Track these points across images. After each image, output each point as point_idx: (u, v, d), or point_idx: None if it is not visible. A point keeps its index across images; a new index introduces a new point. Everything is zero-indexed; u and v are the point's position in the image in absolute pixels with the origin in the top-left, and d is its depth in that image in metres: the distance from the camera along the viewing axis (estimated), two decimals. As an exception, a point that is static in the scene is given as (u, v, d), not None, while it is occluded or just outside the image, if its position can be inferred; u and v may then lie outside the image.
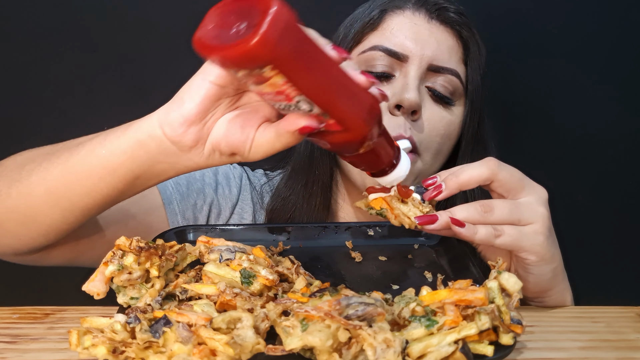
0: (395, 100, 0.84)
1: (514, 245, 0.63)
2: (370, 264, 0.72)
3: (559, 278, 0.69)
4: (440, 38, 0.88)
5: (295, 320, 0.48)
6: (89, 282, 0.58)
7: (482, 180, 0.64)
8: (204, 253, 0.65)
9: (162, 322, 0.49)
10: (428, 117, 0.86)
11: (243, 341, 0.47)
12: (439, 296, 0.51)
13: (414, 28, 0.87)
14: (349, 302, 0.48)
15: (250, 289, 0.58)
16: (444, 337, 0.48)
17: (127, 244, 0.57)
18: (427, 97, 0.87)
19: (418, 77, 0.85)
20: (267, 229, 0.78)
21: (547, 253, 0.65)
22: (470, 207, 0.63)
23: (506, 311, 0.50)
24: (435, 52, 0.86)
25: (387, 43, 0.87)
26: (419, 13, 0.89)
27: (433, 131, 0.87)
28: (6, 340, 0.58)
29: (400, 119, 0.84)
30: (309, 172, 0.93)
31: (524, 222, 0.63)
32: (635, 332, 0.59)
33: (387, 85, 0.87)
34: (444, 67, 0.87)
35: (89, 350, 0.48)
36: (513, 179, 0.65)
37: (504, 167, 0.64)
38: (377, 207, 0.66)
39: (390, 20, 0.89)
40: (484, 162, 0.65)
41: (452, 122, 0.89)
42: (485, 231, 0.62)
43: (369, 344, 0.46)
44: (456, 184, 0.64)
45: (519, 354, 0.54)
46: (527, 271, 0.66)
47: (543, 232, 0.64)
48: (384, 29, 0.89)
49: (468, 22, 0.91)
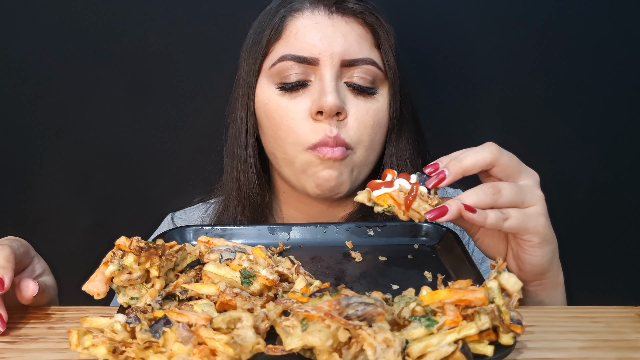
0: (316, 107, 0.83)
1: (520, 228, 0.63)
2: (370, 264, 0.72)
3: (556, 259, 0.70)
4: (345, 31, 0.86)
5: (295, 320, 0.48)
6: (89, 282, 0.58)
7: (485, 165, 0.64)
8: (204, 253, 0.65)
9: (162, 322, 0.49)
10: (354, 113, 0.86)
11: (243, 341, 0.47)
12: (439, 296, 0.51)
13: (317, 27, 0.86)
14: (349, 302, 0.48)
15: (250, 289, 0.58)
16: (444, 337, 0.48)
17: (127, 244, 0.57)
18: (348, 94, 0.87)
19: (334, 78, 0.85)
20: (267, 229, 0.78)
21: (549, 233, 0.66)
22: (479, 190, 0.62)
23: (506, 311, 0.50)
24: (344, 46, 0.85)
25: (294, 50, 0.86)
26: (318, 11, 0.87)
27: (362, 125, 0.86)
28: (6, 340, 0.57)
29: (324, 124, 0.84)
30: (237, 198, 0.94)
31: (527, 204, 0.64)
32: (635, 332, 0.59)
33: (304, 92, 0.86)
34: (357, 59, 0.86)
35: (89, 350, 0.48)
36: (512, 163, 0.65)
37: (505, 152, 0.65)
38: (384, 204, 0.64)
39: (291, 25, 0.87)
40: (486, 146, 0.64)
41: (379, 110, 0.89)
42: (495, 215, 0.62)
43: (369, 344, 0.46)
44: (460, 169, 0.63)
45: (519, 354, 0.54)
46: (529, 253, 0.66)
47: (544, 214, 0.65)
48: (287, 36, 0.87)
49: (369, 7, 0.90)
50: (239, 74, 0.95)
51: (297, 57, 0.85)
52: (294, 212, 0.98)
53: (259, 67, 0.90)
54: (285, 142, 0.87)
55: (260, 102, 0.90)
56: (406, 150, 0.93)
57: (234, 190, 0.95)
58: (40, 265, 0.68)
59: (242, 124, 0.93)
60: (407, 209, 0.62)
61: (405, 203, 0.62)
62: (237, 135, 0.94)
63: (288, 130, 0.86)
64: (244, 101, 0.92)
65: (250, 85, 0.91)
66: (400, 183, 0.64)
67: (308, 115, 0.85)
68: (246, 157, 0.93)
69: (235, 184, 0.95)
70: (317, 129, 0.84)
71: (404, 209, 0.62)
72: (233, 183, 0.95)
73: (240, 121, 0.93)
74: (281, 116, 0.87)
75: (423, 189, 0.63)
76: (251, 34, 0.93)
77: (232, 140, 0.96)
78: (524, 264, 0.68)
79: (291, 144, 0.86)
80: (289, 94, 0.87)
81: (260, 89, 0.90)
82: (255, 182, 0.94)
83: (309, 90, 0.86)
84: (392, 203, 0.63)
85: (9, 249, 0.62)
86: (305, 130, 0.85)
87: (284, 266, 0.63)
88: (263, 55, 0.89)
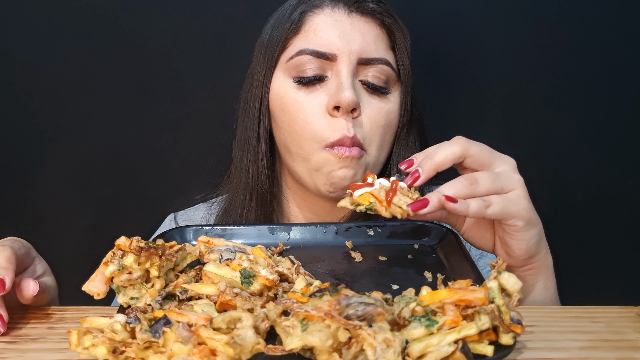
0: (333, 102, 0.84)
1: (503, 213, 0.65)
2: (370, 264, 0.72)
3: (543, 241, 0.71)
4: (363, 30, 0.88)
5: (295, 320, 0.48)
6: (89, 282, 0.58)
7: (456, 158, 0.66)
8: (204, 253, 0.65)
9: (162, 322, 0.49)
10: (368, 112, 0.87)
11: (243, 341, 0.47)
12: (439, 296, 0.51)
13: (336, 25, 0.87)
14: (349, 302, 0.48)
15: (250, 289, 0.58)
16: (444, 337, 0.48)
17: (127, 244, 0.57)
18: (362, 91, 0.88)
19: (350, 74, 0.86)
20: (267, 229, 0.78)
21: (533, 216, 0.67)
22: (456, 182, 0.64)
23: (506, 311, 0.50)
24: (362, 44, 0.86)
25: (313, 45, 0.87)
26: (338, 9, 0.89)
27: (374, 124, 0.87)
28: (6, 340, 0.57)
29: (341, 120, 0.84)
30: (245, 190, 0.95)
31: (507, 189, 0.66)
32: (635, 332, 0.59)
33: (321, 87, 0.87)
34: (374, 58, 0.87)
35: (89, 350, 0.48)
36: (484, 153, 0.67)
37: (473, 143, 0.67)
38: (365, 203, 0.66)
39: (311, 20, 0.89)
40: (454, 140, 0.67)
41: (391, 111, 0.90)
42: (477, 204, 0.63)
43: (369, 344, 0.46)
44: (433, 165, 0.65)
45: (519, 354, 0.54)
46: (516, 238, 0.68)
47: (525, 196, 0.67)
48: (306, 31, 0.88)
49: (388, 8, 0.91)
50: (252, 67, 0.96)
51: (315, 52, 0.86)
52: (297, 209, 0.98)
53: (275, 60, 0.90)
54: (301, 137, 0.87)
55: (275, 95, 0.90)
56: (413, 151, 0.94)
57: (242, 181, 0.95)
58: (41, 266, 0.68)
59: (254, 116, 0.93)
60: (389, 205, 0.64)
61: (386, 199, 0.64)
62: (249, 127, 0.94)
63: (305, 124, 0.86)
64: (257, 93, 0.92)
65: (265, 78, 0.91)
66: (381, 182, 0.66)
67: (324, 110, 0.86)
68: (257, 148, 0.94)
69: (244, 175, 0.95)
70: (334, 126, 0.85)
71: (386, 205, 0.64)
72: (242, 174, 0.95)
73: (253, 113, 0.93)
74: (297, 110, 0.87)
75: (403, 184, 0.66)
76: (268, 28, 0.94)
77: (243, 132, 0.96)
78: (512, 250, 0.69)
79: (308, 140, 0.87)
80: (306, 88, 0.87)
81: (276, 82, 0.90)
82: (265, 173, 0.94)
83: (325, 85, 0.87)
84: (374, 200, 0.65)
85: (10, 249, 0.62)
86: (323, 126, 0.85)
87: (284, 266, 0.63)
88: (281, 49, 0.90)
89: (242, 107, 0.97)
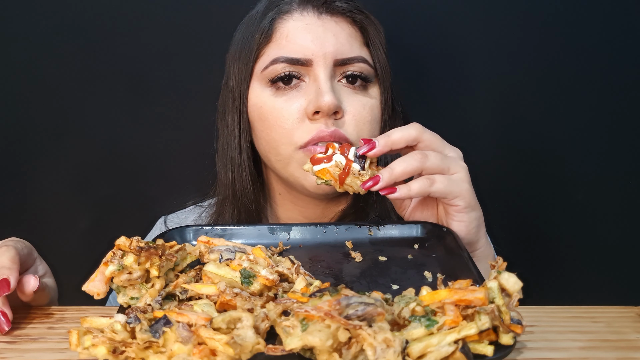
0: (313, 107, 0.83)
1: (446, 192, 0.72)
2: (370, 264, 0.72)
3: (483, 230, 0.78)
4: (335, 30, 0.87)
5: (295, 320, 0.48)
6: (89, 282, 0.58)
7: (410, 140, 0.73)
8: (204, 253, 0.65)
9: (162, 322, 0.49)
10: (351, 111, 0.86)
11: (243, 341, 0.47)
12: (439, 296, 0.51)
13: (307, 28, 0.86)
14: (349, 302, 0.48)
15: (250, 289, 0.58)
16: (444, 337, 0.48)
17: (127, 244, 0.57)
18: (343, 90, 0.87)
19: (328, 77, 0.85)
20: (267, 229, 0.78)
21: (473, 199, 0.74)
22: (407, 157, 0.71)
23: (506, 311, 0.50)
24: (336, 45, 0.86)
25: (287, 52, 0.86)
26: (307, 12, 0.87)
27: (360, 121, 0.87)
28: (6, 340, 0.58)
29: (319, 124, 0.84)
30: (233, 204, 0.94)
31: (452, 171, 0.73)
32: (635, 332, 0.59)
33: (299, 93, 0.86)
34: (349, 58, 0.86)
35: (89, 350, 0.48)
36: (435, 139, 0.74)
37: (428, 130, 0.74)
38: (323, 177, 0.74)
39: (281, 27, 0.87)
40: (410, 125, 0.73)
41: (374, 106, 0.89)
42: (420, 183, 0.71)
43: (369, 344, 0.46)
44: (389, 141, 0.72)
45: (519, 354, 0.54)
46: (457, 219, 0.74)
47: (468, 181, 0.74)
48: (278, 39, 0.87)
49: (357, 5, 0.90)
50: (226, 80, 0.94)
51: (289, 59, 0.85)
52: (290, 214, 0.98)
53: (250, 72, 0.89)
54: (279, 143, 0.87)
55: (254, 106, 0.89)
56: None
57: (229, 196, 0.95)
58: (42, 267, 0.68)
59: (234, 129, 0.92)
60: (341, 184, 0.73)
61: (340, 178, 0.72)
62: (229, 142, 0.93)
63: (282, 131, 0.86)
64: (235, 106, 0.91)
65: (242, 90, 0.90)
66: (337, 159, 0.73)
67: (304, 115, 0.85)
68: (240, 162, 0.93)
69: (230, 189, 0.94)
70: (311, 128, 0.84)
71: (339, 184, 0.73)
72: (228, 189, 0.95)
73: (233, 127, 0.92)
74: (275, 117, 0.86)
75: (356, 166, 0.73)
76: (238, 39, 0.92)
77: (224, 146, 0.95)
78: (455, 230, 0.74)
79: (284, 144, 0.86)
80: (283, 95, 0.86)
81: (254, 93, 0.89)
82: (249, 187, 0.93)
83: (303, 90, 0.86)
84: (330, 177, 0.73)
85: (14, 250, 0.62)
86: (298, 129, 0.85)
87: (284, 266, 0.63)
88: (254, 60, 0.88)
89: (220, 120, 0.96)
